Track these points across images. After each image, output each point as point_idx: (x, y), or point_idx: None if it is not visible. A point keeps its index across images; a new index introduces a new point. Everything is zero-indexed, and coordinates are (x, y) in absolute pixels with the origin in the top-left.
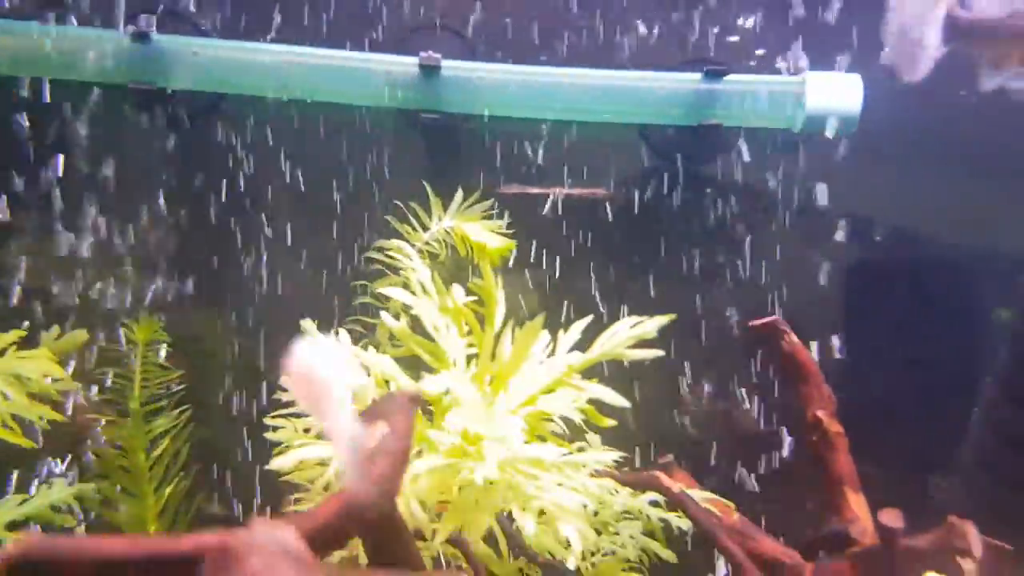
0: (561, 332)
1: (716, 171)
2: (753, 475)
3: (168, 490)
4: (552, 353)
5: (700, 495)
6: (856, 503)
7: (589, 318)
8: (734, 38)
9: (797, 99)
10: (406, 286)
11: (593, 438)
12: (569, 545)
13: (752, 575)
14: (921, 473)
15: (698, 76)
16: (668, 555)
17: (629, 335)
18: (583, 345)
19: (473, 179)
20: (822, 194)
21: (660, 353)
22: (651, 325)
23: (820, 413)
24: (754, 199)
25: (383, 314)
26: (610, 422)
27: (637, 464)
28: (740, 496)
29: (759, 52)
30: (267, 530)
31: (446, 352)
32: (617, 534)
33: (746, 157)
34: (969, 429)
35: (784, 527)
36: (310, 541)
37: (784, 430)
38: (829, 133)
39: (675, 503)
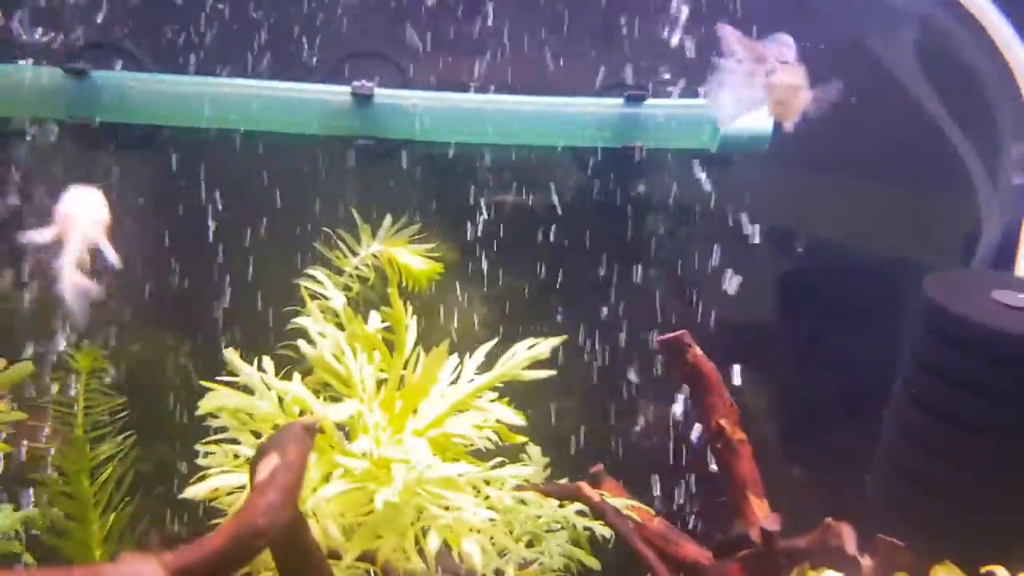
0: (480, 355)
1: (643, 189)
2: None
3: (112, 516)
4: (458, 378)
5: (623, 503)
6: (758, 507)
7: (494, 341)
8: (653, 63)
9: (711, 120)
10: (326, 313)
11: (534, 451)
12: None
13: (662, 574)
14: (859, 475)
15: (620, 101)
16: (592, 562)
17: (527, 356)
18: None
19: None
20: (742, 207)
21: (552, 373)
22: (545, 347)
23: (723, 421)
24: (678, 213)
25: (300, 341)
26: (521, 439)
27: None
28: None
29: (665, 75)
30: (132, 564)
31: (353, 378)
32: (544, 544)
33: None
34: (881, 431)
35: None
36: (192, 572)
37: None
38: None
39: (595, 511)
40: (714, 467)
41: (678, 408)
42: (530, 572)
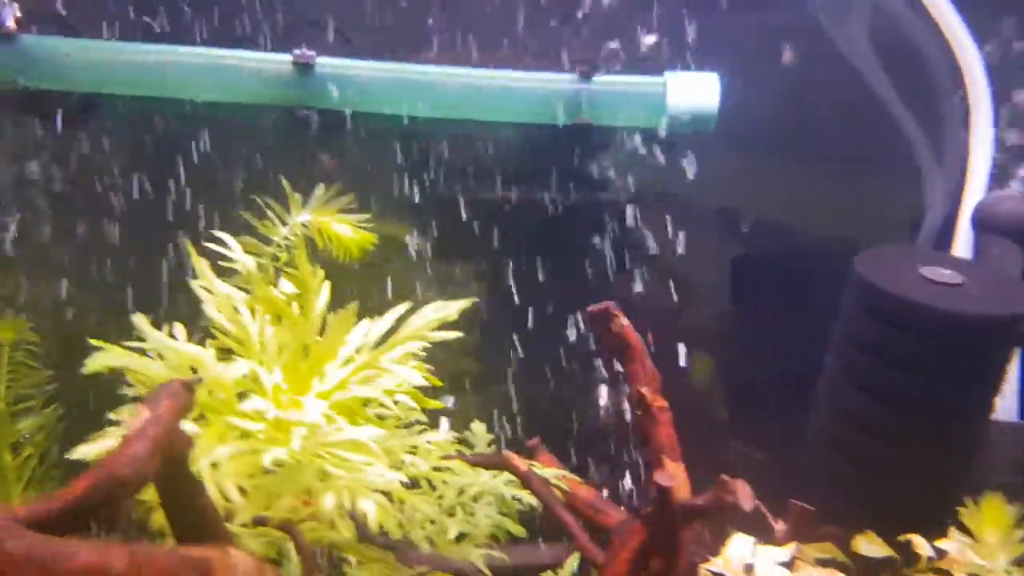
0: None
1: (590, 167)
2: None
3: (35, 490)
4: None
5: (553, 472)
6: (674, 470)
7: (406, 304)
8: (610, 43)
9: (659, 99)
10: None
11: (479, 428)
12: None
13: (581, 540)
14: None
15: (569, 77)
16: (518, 530)
17: (434, 317)
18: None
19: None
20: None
21: (459, 334)
22: (453, 308)
23: (644, 389)
24: (622, 192)
25: (204, 305)
26: (435, 404)
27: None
28: None
29: (612, 45)
30: None
31: (250, 339)
32: (472, 514)
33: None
34: (815, 409)
35: None
36: (46, 522)
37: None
38: (690, 130)
39: (522, 480)
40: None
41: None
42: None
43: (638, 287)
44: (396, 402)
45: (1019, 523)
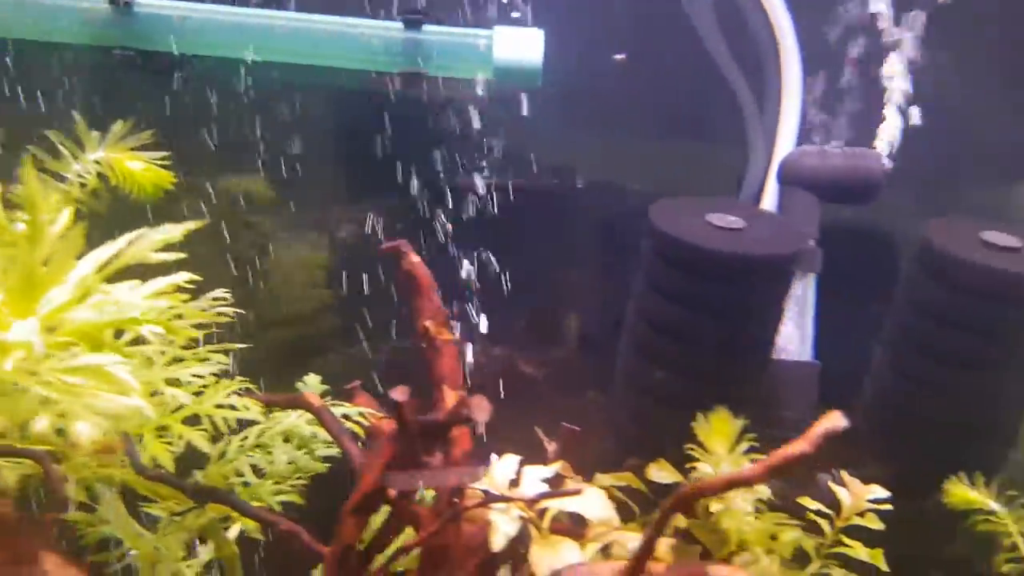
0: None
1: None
2: None
3: None
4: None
5: (356, 410)
6: (451, 398)
7: (139, 232)
8: None
9: (487, 51)
10: None
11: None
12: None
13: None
14: None
15: (397, 25)
16: (317, 467)
17: (156, 239)
18: None
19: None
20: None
21: (183, 255)
22: (178, 230)
23: (428, 323)
24: (460, 145)
25: None
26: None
27: None
28: None
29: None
30: None
31: None
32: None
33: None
34: (618, 350)
35: None
36: None
37: None
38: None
39: (316, 417)
40: None
41: None
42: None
43: (476, 239)
44: (155, 334)
45: (741, 437)
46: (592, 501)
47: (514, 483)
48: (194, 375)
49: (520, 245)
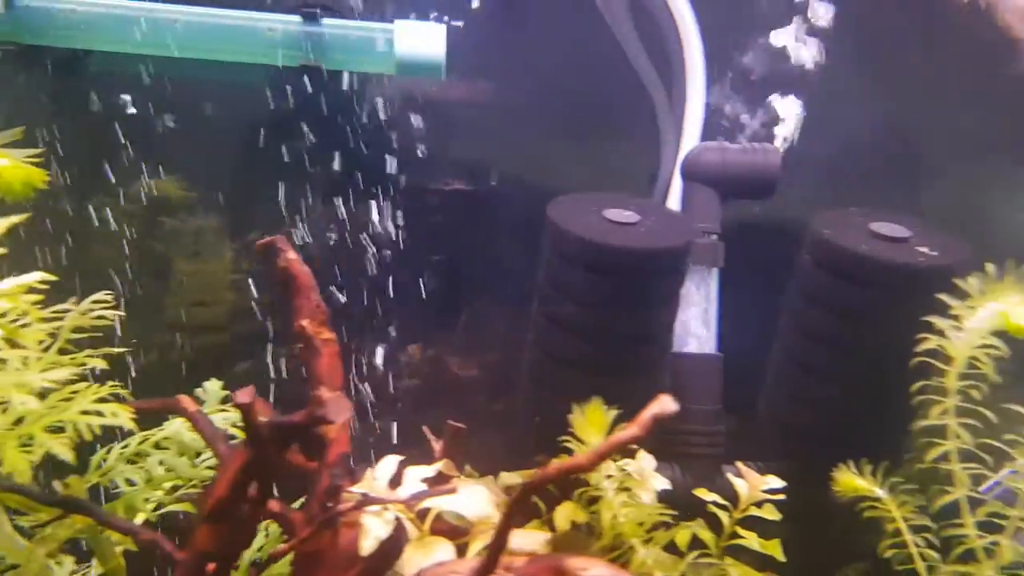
0: None
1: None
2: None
3: None
4: None
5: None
6: (333, 399)
7: None
8: None
9: (388, 45)
10: None
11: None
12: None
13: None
14: None
15: (296, 18)
16: (194, 473)
17: None
18: None
19: None
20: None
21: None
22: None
23: (305, 323)
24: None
25: None
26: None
27: None
28: None
29: None
30: None
31: None
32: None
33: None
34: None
35: None
36: None
37: None
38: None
39: (192, 422)
40: None
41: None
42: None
43: (390, 240)
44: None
45: (614, 427)
46: (469, 499)
47: (396, 484)
48: (70, 381)
49: (432, 244)
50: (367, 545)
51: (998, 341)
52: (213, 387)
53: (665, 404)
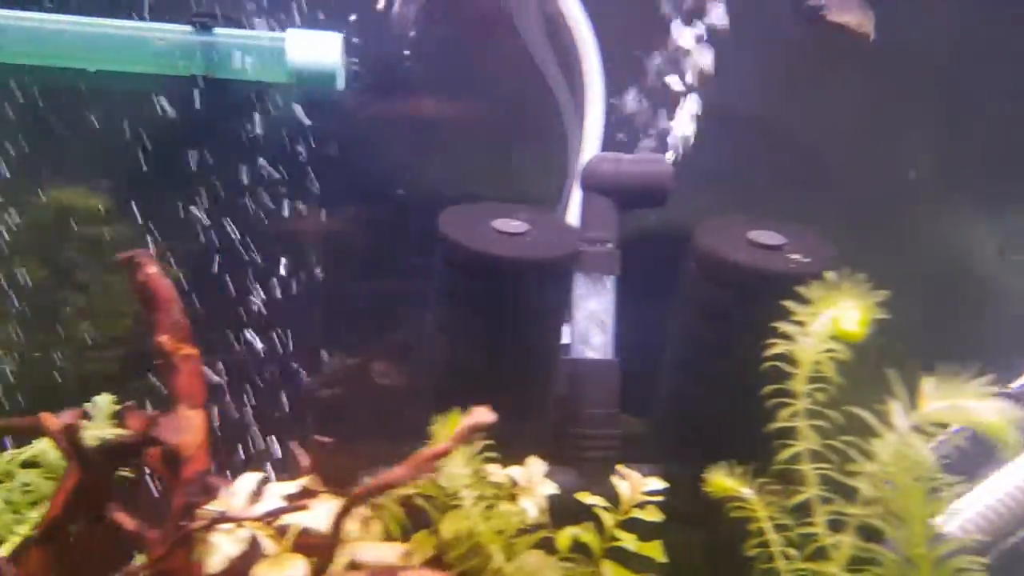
0: None
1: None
2: None
3: None
4: None
5: (113, 432)
6: (190, 418)
7: None
8: None
9: (280, 54)
10: None
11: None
12: None
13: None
14: None
15: (186, 28)
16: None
17: None
18: None
19: None
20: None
21: None
22: None
23: (164, 338)
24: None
25: None
26: None
27: None
28: None
29: None
30: None
31: None
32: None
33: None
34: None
35: None
36: None
37: None
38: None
39: (55, 440)
40: None
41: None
42: None
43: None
44: None
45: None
46: (322, 515)
47: (253, 499)
48: None
49: (338, 255)
50: (215, 562)
51: (839, 345)
52: (103, 401)
53: (480, 416)
